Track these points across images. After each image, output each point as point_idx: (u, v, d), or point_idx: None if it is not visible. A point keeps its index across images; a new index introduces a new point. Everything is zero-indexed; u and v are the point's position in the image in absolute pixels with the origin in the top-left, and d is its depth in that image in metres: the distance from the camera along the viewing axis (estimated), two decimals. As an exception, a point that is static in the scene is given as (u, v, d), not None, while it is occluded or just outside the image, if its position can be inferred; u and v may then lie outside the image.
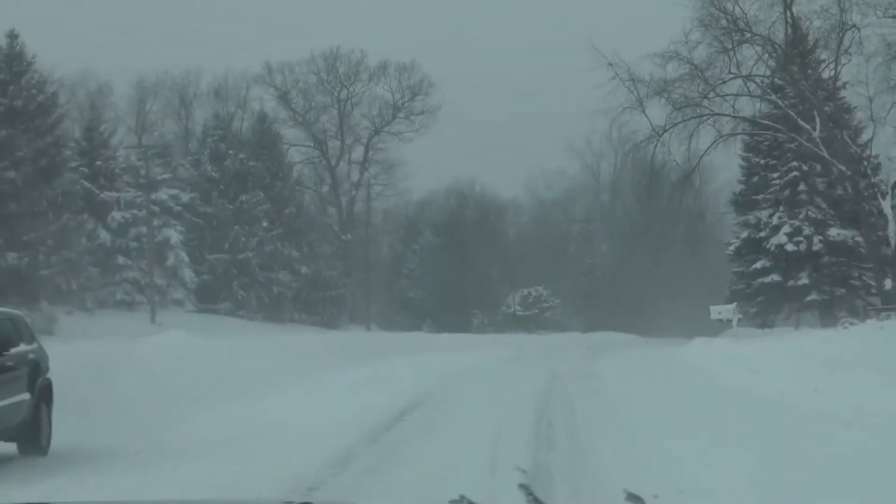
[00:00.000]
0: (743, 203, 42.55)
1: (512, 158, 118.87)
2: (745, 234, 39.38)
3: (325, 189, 75.69)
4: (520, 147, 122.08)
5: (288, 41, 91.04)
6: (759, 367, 23.89)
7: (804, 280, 38.10)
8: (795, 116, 37.37)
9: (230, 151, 60.63)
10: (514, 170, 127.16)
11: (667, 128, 37.57)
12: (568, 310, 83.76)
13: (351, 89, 74.10)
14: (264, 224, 61.35)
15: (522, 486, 2.89)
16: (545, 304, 76.34)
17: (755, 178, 41.58)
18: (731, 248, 40.97)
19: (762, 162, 40.85)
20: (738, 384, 21.82)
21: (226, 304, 59.89)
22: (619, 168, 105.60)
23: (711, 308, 36.81)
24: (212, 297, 59.63)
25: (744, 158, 43.05)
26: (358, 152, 76.37)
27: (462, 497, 2.86)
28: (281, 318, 62.41)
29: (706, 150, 38.09)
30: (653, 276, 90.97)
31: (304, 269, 64.57)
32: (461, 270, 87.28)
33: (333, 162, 74.74)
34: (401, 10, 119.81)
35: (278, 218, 63.75)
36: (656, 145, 37.91)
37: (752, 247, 39.91)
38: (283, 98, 72.67)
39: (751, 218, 39.51)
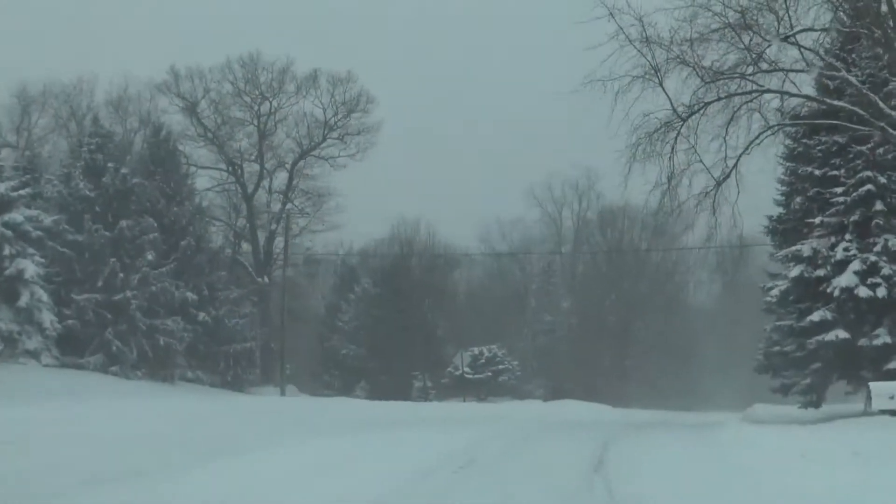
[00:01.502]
0: (785, 231, 30.24)
1: (464, 202, 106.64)
2: (794, 273, 26.82)
3: (241, 222, 62.64)
4: (473, 190, 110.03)
5: (201, 44, 76.78)
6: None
7: (884, 338, 25.63)
8: (878, 100, 25.27)
9: (110, 165, 47.67)
10: (467, 216, 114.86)
11: (695, 108, 25.34)
12: (526, 373, 71.00)
13: (274, 103, 61.55)
14: (150, 257, 48.16)
15: None
16: (499, 367, 63.60)
17: (800, 198, 29.23)
18: (772, 293, 28.32)
19: (817, 173, 28.50)
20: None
21: (96, 356, 46.49)
22: (582, 217, 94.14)
23: (874, 386, 22.23)
24: (78, 347, 46.33)
25: (788, 169, 30.75)
26: (280, 179, 63.52)
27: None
28: (168, 375, 49.07)
29: (747, 147, 25.85)
30: (622, 337, 78.57)
31: (201, 316, 51.36)
32: (403, 326, 74.48)
33: (250, 189, 61.74)
34: (335, 14, 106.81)
35: (171, 251, 50.66)
36: (677, 136, 25.66)
37: (804, 291, 27.45)
38: (191, 110, 59.90)
39: (804, 249, 26.99)
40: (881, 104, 25.46)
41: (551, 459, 16.37)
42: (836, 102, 25.87)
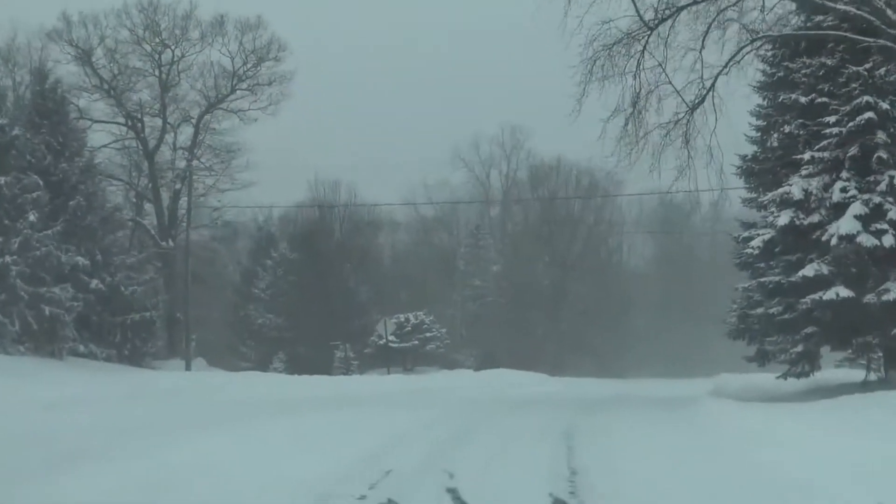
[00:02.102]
0: (761, 172, 25.46)
1: (387, 164, 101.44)
2: (784, 220, 22.04)
3: (143, 181, 56.64)
4: (397, 151, 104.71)
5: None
6: None
7: (893, 293, 20.98)
8: (883, 6, 20.66)
9: (-15, 114, 41.59)
10: (391, 179, 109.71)
11: (665, 14, 20.48)
12: (455, 341, 66.18)
13: (176, 51, 55.48)
14: (32, 218, 42.09)
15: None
16: (427, 335, 58.66)
17: (781, 132, 24.43)
18: (753, 244, 23.49)
19: (803, 101, 23.67)
20: None
21: (-29, 330, 40.50)
22: (511, 177, 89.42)
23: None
24: (-50, 320, 40.31)
25: (766, 98, 25.95)
26: (185, 134, 57.55)
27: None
28: (56, 350, 43.19)
29: (726, 65, 21.17)
30: (556, 301, 74.11)
31: (94, 283, 45.50)
32: (323, 293, 69.27)
33: (152, 145, 55.76)
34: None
35: (58, 212, 44.65)
36: (644, 49, 20.78)
37: (794, 241, 22.71)
38: (85, 60, 53.65)
39: (793, 191, 22.20)
40: (888, 11, 20.84)
41: (502, 477, 11.32)
42: (833, 4, 21.09)
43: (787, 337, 23.33)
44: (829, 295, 21.30)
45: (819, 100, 23.41)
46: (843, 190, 21.94)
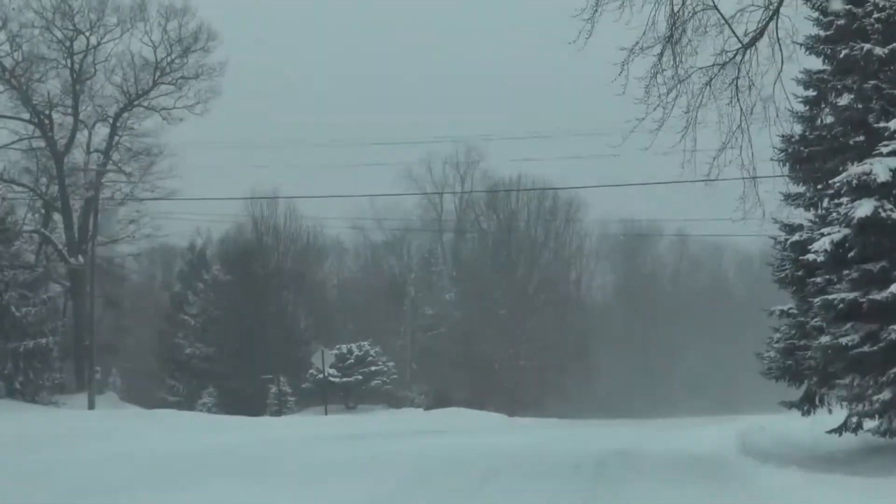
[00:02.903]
0: (812, 157, 18.79)
1: (332, 183, 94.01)
2: (863, 211, 15.34)
3: (54, 189, 49.11)
4: (344, 171, 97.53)
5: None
6: None
7: None
8: None
9: None
10: (337, 201, 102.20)
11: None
12: (404, 376, 59.10)
13: (91, 38, 48.18)
14: None
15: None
16: (371, 368, 51.49)
17: (841, 104, 17.85)
18: (816, 248, 16.60)
19: (879, 53, 17.08)
20: None
21: None
22: (466, 199, 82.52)
23: None
24: None
25: (821, 55, 19.26)
26: (101, 134, 50.10)
27: None
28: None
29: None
30: (514, 334, 67.33)
31: (-24, 305, 38.20)
32: (259, 321, 62.09)
33: (62, 146, 48.30)
34: None
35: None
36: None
37: (876, 242, 15.98)
38: (-15, 46, 46.38)
39: (874, 170, 15.50)
40: None
41: None
42: None
43: (864, 377, 16.51)
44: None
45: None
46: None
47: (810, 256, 16.67)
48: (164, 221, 51.94)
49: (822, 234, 16.72)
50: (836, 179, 16.42)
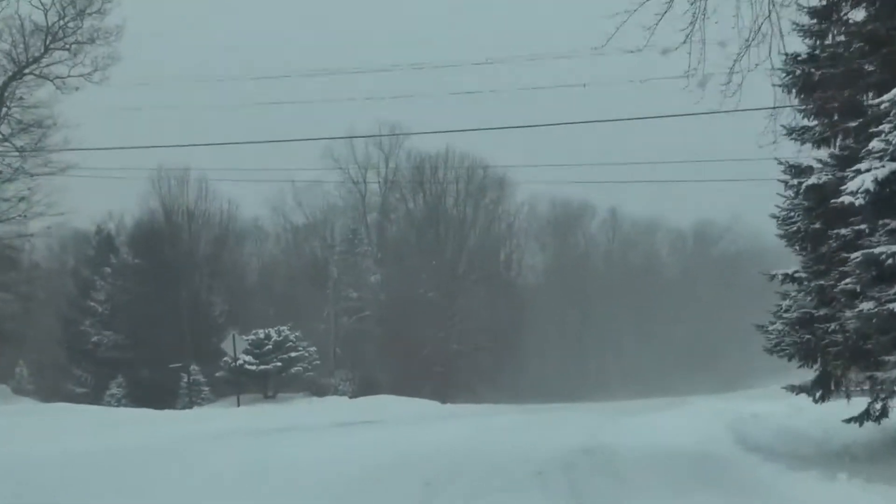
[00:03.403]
0: (824, 80, 14.96)
1: (249, 161, 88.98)
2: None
3: (-67, 163, 43.79)
4: (261, 147, 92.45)
5: None
6: None
7: None
8: None
9: None
10: (256, 183, 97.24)
11: None
12: (327, 362, 54.78)
13: (-26, -2, 43.09)
14: None
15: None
16: (291, 354, 47.03)
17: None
18: (853, 188, 12.80)
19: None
20: None
21: None
22: (390, 178, 78.14)
23: None
24: None
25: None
26: (-13, 104, 44.78)
27: None
28: None
29: None
30: (444, 317, 63.33)
31: None
32: (171, 307, 57.33)
33: (-58, 116, 43.05)
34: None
35: None
36: None
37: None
38: None
39: None
40: None
41: None
42: None
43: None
44: None
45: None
46: None
47: (845, 199, 12.73)
48: (63, 199, 46.73)
49: (858, 172, 12.80)
50: (880, 100, 12.54)
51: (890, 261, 12.35)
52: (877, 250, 12.42)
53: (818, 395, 15.59)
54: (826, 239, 14.27)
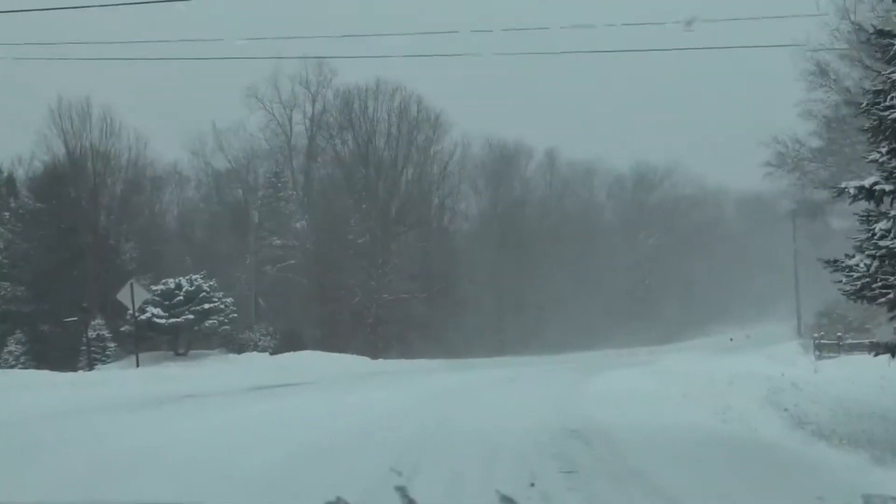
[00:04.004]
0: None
1: (167, 101, 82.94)
2: None
3: None
4: (179, 90, 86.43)
5: None
6: None
7: None
8: None
9: None
10: (175, 126, 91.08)
11: None
12: (246, 315, 49.61)
13: None
14: None
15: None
16: (205, 306, 41.72)
17: None
18: None
19: None
20: None
21: None
22: (317, 118, 72.52)
23: None
24: None
25: None
26: None
27: (338, 499, 2.71)
28: None
29: None
30: (375, 266, 58.36)
31: None
32: (77, 256, 51.68)
33: None
34: None
35: None
36: None
37: None
38: None
39: None
40: None
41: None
42: None
43: None
44: None
45: None
46: None
47: None
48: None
49: None
50: None
51: None
52: None
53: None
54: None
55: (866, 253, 10.71)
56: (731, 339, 60.04)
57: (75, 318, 43.85)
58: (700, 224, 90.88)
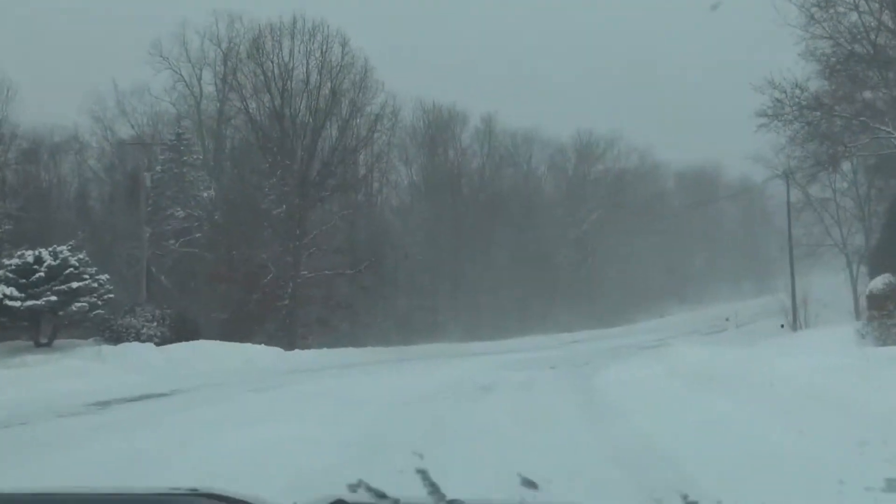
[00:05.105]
0: None
1: (61, 61, 72.64)
2: None
3: None
4: (73, 45, 76.01)
5: None
6: None
7: None
8: None
9: None
10: (72, 90, 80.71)
11: None
12: (126, 295, 40.15)
13: None
14: None
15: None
16: (74, 285, 32.14)
17: None
18: None
19: None
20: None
21: None
22: (230, 76, 62.57)
23: None
24: None
25: None
26: None
27: (360, 481, 2.45)
28: None
29: None
30: (292, 239, 49.10)
31: None
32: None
33: None
34: None
35: None
36: None
37: None
38: None
39: None
40: None
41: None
42: None
43: None
44: None
45: None
46: None
47: None
48: None
49: None
50: None
51: None
52: None
53: None
54: None
55: None
56: (728, 320, 52.57)
57: None
58: (644, 198, 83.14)
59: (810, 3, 34.73)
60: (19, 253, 32.84)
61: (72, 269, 32.28)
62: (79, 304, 32.19)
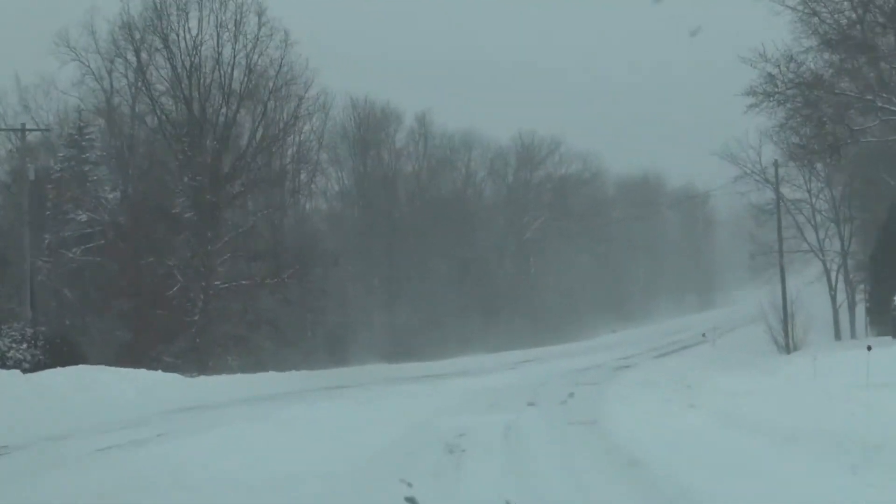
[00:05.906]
0: None
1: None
2: None
3: None
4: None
5: None
6: None
7: None
8: None
9: None
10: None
11: None
12: (14, 305, 33.38)
13: None
14: None
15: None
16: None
17: None
18: None
19: None
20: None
21: None
22: (144, 68, 55.34)
23: None
24: None
25: None
26: None
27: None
28: None
29: None
30: (203, 245, 42.38)
31: None
32: None
33: None
34: None
35: None
36: None
37: None
38: None
39: None
40: None
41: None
42: None
43: None
44: None
45: None
46: None
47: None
48: None
49: None
50: None
51: None
52: None
53: None
54: None
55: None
56: (704, 336, 46.46)
57: None
58: (587, 206, 77.87)
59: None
60: None
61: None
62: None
